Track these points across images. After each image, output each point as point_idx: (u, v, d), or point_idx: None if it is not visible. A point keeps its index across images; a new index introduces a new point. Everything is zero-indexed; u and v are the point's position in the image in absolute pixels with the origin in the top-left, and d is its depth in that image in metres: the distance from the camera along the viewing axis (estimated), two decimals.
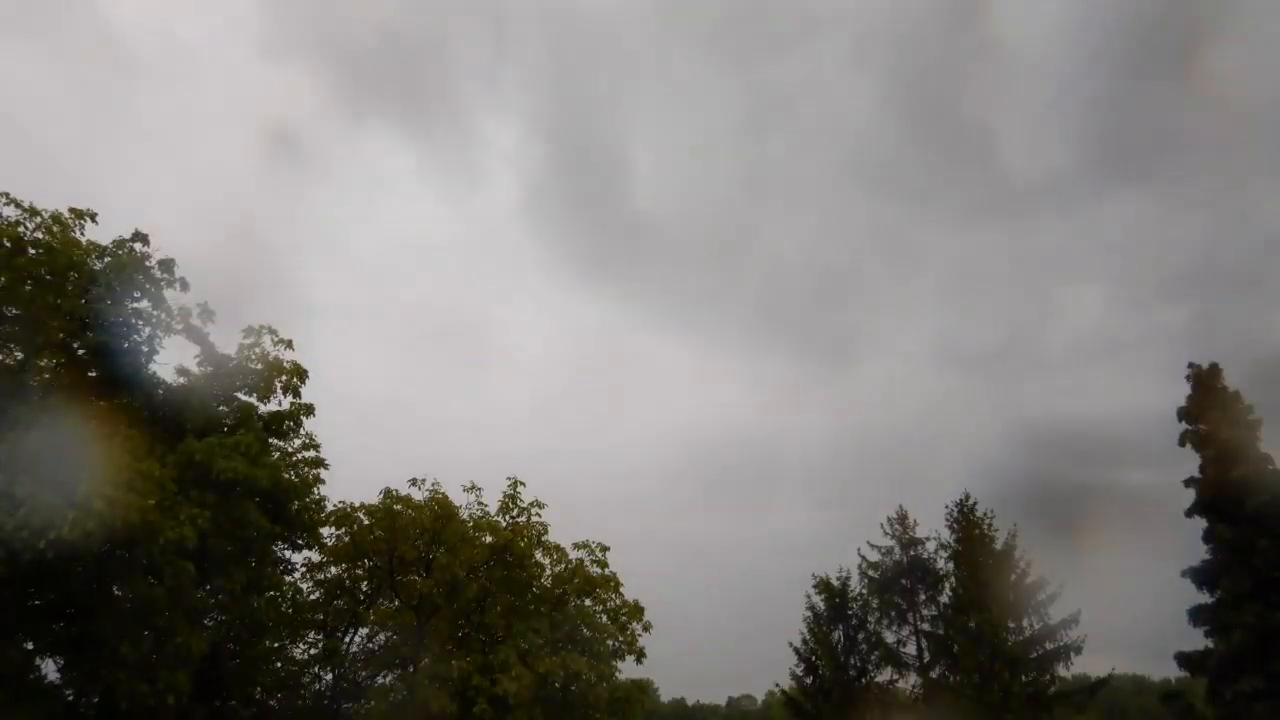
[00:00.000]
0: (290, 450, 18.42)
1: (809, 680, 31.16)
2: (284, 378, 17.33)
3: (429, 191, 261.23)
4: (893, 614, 30.89)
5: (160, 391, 16.04)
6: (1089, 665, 29.10)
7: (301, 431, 18.22)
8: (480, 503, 21.59)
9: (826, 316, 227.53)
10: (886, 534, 32.04)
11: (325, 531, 20.25)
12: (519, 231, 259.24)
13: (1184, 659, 24.57)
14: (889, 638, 30.80)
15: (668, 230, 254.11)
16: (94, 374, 15.78)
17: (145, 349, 15.88)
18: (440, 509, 20.84)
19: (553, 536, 22.22)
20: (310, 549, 19.83)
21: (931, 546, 31.12)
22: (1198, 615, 24.24)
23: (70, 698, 14.70)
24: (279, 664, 19.76)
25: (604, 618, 23.92)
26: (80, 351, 15.61)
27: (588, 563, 22.21)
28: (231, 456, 14.58)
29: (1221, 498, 24.13)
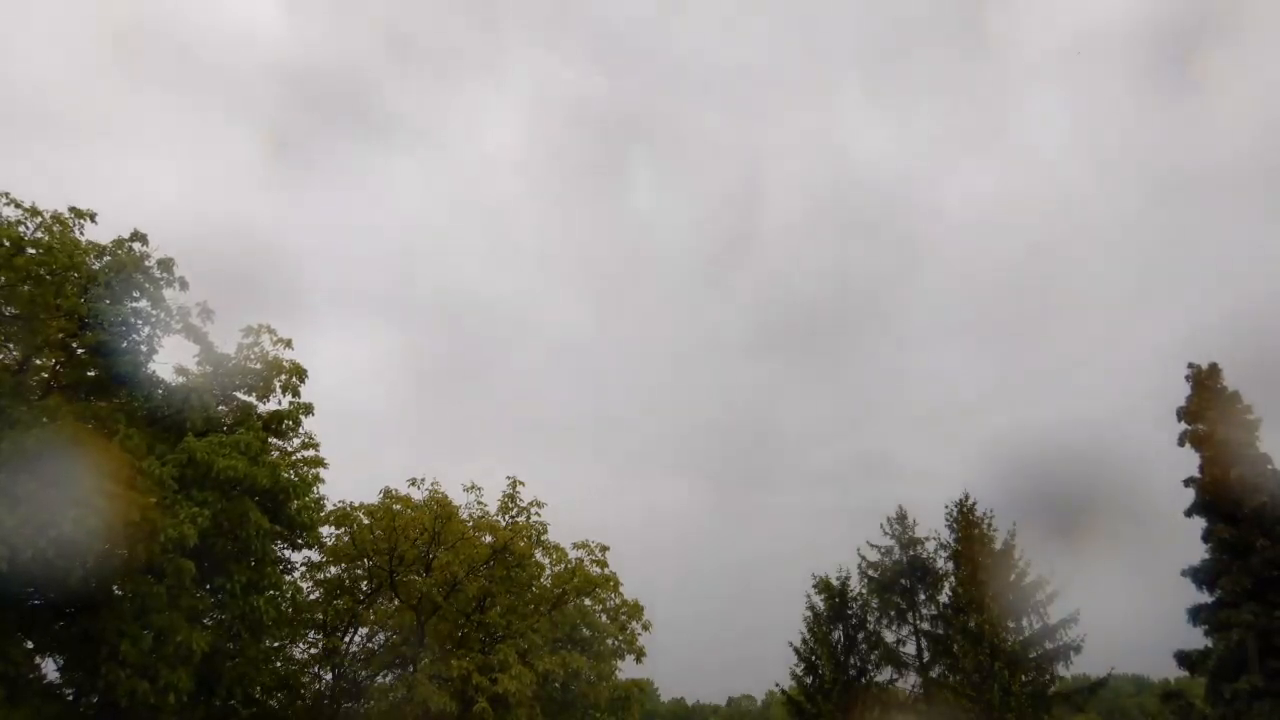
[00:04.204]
0: (290, 450, 18.45)
1: (809, 680, 31.11)
2: (283, 377, 17.33)
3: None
4: (892, 614, 30.87)
5: (160, 391, 16.02)
6: (1089, 665, 29.05)
7: (301, 431, 18.24)
8: (480, 502, 21.69)
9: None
10: (886, 533, 32.05)
11: (325, 531, 20.30)
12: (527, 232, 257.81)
13: (1184, 658, 24.62)
14: (889, 637, 30.80)
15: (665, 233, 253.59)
16: (93, 373, 15.80)
17: (144, 348, 15.86)
18: (440, 509, 20.89)
19: (552, 536, 22.31)
20: (310, 548, 19.84)
21: (931, 546, 31.12)
22: (1197, 615, 24.28)
23: (70, 697, 14.69)
24: (279, 664, 19.74)
25: (603, 617, 24.02)
26: (80, 351, 15.61)
27: (587, 562, 22.28)
28: (231, 455, 14.58)
29: (1220, 498, 24.17)
